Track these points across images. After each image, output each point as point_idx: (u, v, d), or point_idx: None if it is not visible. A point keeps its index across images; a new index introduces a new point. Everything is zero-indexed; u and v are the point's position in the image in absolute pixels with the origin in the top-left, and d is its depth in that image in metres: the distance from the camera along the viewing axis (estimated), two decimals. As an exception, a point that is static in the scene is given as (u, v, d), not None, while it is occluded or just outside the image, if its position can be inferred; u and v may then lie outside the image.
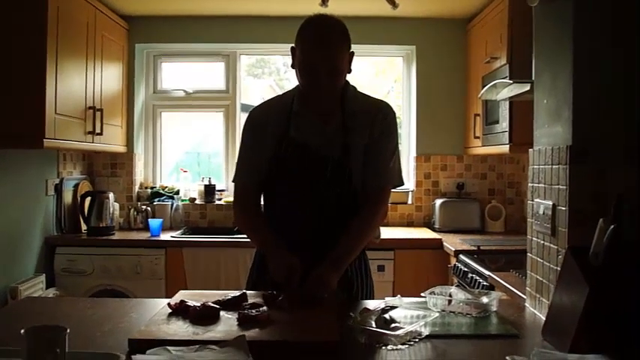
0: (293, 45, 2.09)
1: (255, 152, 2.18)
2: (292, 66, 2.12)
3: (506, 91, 3.07)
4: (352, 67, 2.14)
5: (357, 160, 2.10)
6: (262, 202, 2.25)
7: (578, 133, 1.75)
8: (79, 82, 3.74)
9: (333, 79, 2.05)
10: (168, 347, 1.41)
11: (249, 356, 1.37)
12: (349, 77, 2.18)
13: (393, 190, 2.24)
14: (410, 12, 4.44)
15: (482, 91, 3.39)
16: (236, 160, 2.27)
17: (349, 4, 4.23)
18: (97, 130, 3.93)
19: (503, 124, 3.60)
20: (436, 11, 4.50)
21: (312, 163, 2.10)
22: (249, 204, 2.22)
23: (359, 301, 2.10)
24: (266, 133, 2.15)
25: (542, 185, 1.94)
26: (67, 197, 4.24)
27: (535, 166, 2.02)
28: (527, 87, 2.73)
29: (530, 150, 2.07)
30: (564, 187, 1.77)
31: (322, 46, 2.02)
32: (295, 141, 2.11)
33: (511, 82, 2.93)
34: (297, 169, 2.11)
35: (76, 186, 4.35)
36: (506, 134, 3.54)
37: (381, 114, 2.17)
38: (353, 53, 2.12)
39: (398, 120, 4.89)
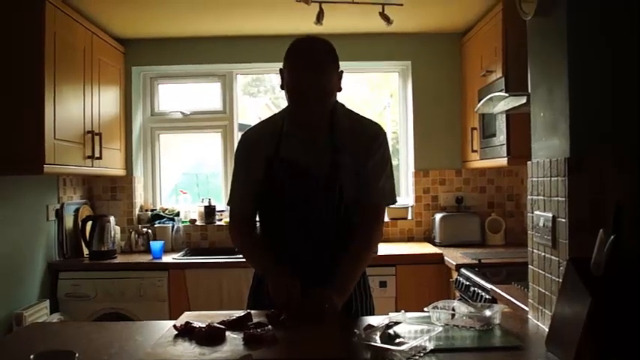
0: (281, 67, 2.10)
1: (248, 175, 2.20)
2: (281, 87, 2.13)
3: (502, 104, 3.10)
4: (345, 84, 2.15)
5: (348, 176, 2.10)
6: (259, 221, 2.25)
7: (575, 145, 1.77)
8: (77, 107, 3.76)
9: (323, 103, 2.07)
10: (175, 369, 1.42)
11: (256, 375, 1.38)
12: (343, 94, 2.19)
13: (390, 206, 2.25)
14: (404, 27, 4.47)
15: (479, 105, 3.41)
16: (230, 184, 2.29)
17: (343, 22, 4.27)
18: (97, 154, 3.94)
19: (501, 137, 3.62)
20: (430, 26, 4.54)
21: (302, 181, 2.11)
22: (245, 227, 2.24)
23: (355, 318, 2.09)
24: (258, 156, 2.17)
25: (542, 197, 1.96)
26: (68, 222, 4.24)
27: (534, 179, 2.04)
28: (523, 100, 2.75)
29: (528, 163, 2.09)
30: (563, 198, 1.78)
31: (310, 73, 2.02)
32: (285, 161, 2.13)
33: (507, 95, 2.95)
34: (288, 189, 2.12)
35: (76, 210, 4.36)
36: (504, 147, 3.56)
37: (371, 137, 2.17)
38: (342, 72, 2.13)
39: (395, 135, 4.93)
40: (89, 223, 4.23)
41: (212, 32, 4.59)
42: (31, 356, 1.23)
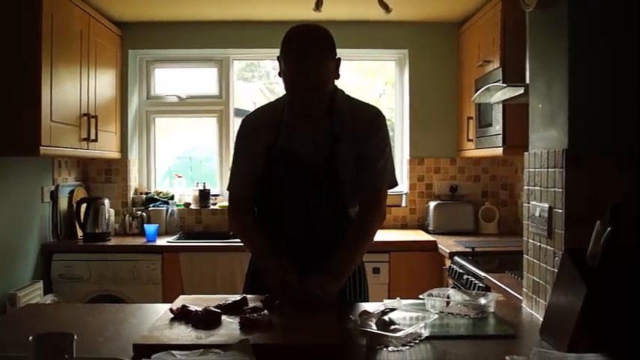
0: (278, 55, 2.09)
1: (247, 161, 2.20)
2: (279, 74, 2.11)
3: (499, 94, 3.11)
4: (341, 71, 2.13)
5: (346, 165, 2.10)
6: (256, 207, 2.25)
7: (573, 137, 1.78)
8: (74, 89, 3.75)
9: (320, 92, 2.05)
10: (173, 352, 1.42)
11: (253, 359, 1.39)
12: (338, 81, 2.17)
13: (388, 191, 2.24)
14: (402, 16, 4.46)
15: (476, 95, 3.42)
16: (230, 168, 2.30)
17: (342, 9, 4.26)
18: (92, 137, 3.93)
19: (497, 127, 3.63)
20: (429, 15, 4.53)
21: (300, 170, 2.11)
22: (243, 212, 2.24)
23: (353, 302, 2.12)
24: (258, 142, 2.17)
25: (538, 188, 1.97)
26: (63, 204, 4.23)
27: (531, 169, 2.05)
28: (520, 90, 2.76)
29: (525, 153, 2.10)
30: (560, 190, 1.80)
31: (306, 62, 1.99)
32: (283, 149, 2.13)
33: (504, 85, 2.96)
34: (286, 177, 2.12)
35: (71, 192, 4.35)
36: (500, 137, 3.57)
37: (370, 119, 2.18)
38: (339, 59, 2.11)
39: (390, 123, 4.93)
40: (84, 205, 4.23)
41: (210, 17, 4.57)
42: (30, 337, 1.23)
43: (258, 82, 5.45)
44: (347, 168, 2.10)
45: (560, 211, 1.80)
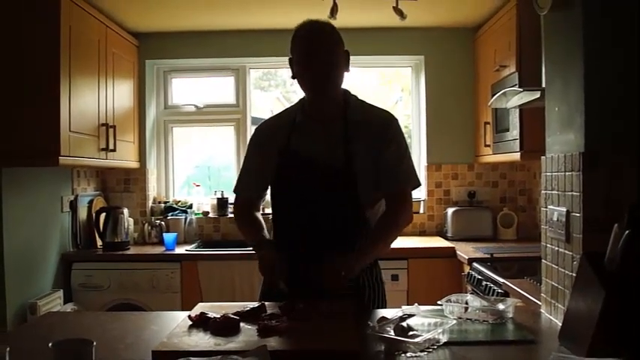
0: (290, 57, 2.16)
1: (256, 165, 2.26)
2: (292, 77, 2.18)
3: (516, 98, 3.09)
4: (357, 78, 2.20)
5: (362, 167, 2.11)
6: (272, 214, 2.28)
7: (590, 139, 1.77)
8: (92, 99, 3.79)
9: (330, 70, 2.10)
10: (192, 358, 1.43)
11: (271, 366, 1.39)
12: (355, 88, 2.21)
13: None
14: (418, 22, 4.46)
15: (492, 100, 3.41)
16: (239, 172, 2.36)
17: (357, 16, 4.27)
18: (111, 147, 3.97)
19: (514, 132, 3.61)
20: (444, 20, 4.53)
21: (313, 172, 2.12)
22: (246, 210, 2.30)
23: (371, 310, 2.11)
24: (270, 147, 2.21)
25: (556, 192, 1.96)
26: (82, 213, 4.28)
27: (548, 173, 2.04)
28: (537, 94, 2.74)
29: (542, 157, 2.09)
30: (578, 193, 1.78)
31: (316, 35, 2.10)
32: (296, 151, 2.16)
33: (521, 89, 2.94)
34: (298, 179, 2.14)
35: (90, 202, 4.39)
36: (517, 142, 3.55)
37: (385, 123, 2.20)
38: (348, 53, 2.17)
39: (407, 130, 4.93)
40: (103, 215, 4.27)
41: (225, 26, 4.60)
42: (50, 344, 1.25)
43: (275, 90, 5.48)
44: (362, 169, 2.11)
45: (578, 215, 1.79)
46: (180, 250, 4.20)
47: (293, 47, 2.14)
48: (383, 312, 1.99)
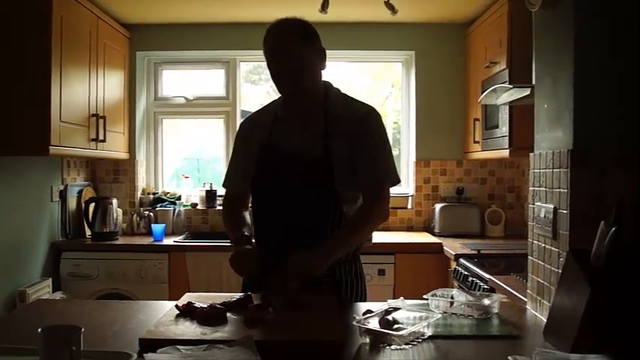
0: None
1: (242, 160, 2.27)
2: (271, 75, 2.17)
3: (506, 95, 3.11)
4: (347, 73, 2.19)
5: (340, 161, 2.10)
6: (251, 207, 2.28)
7: (578, 137, 1.78)
8: (83, 90, 3.78)
9: (297, 76, 2.07)
10: (178, 346, 1.44)
11: (256, 355, 1.40)
12: (345, 83, 2.20)
13: (390, 194, 2.24)
14: (409, 17, 4.47)
15: (482, 96, 3.42)
16: (227, 166, 2.37)
17: (348, 11, 4.27)
18: (101, 137, 3.96)
19: (503, 129, 3.63)
20: (435, 16, 4.54)
21: (292, 165, 2.12)
22: (233, 207, 2.30)
23: (351, 304, 2.11)
24: (253, 140, 2.22)
25: (544, 189, 1.97)
26: (72, 203, 4.27)
27: (536, 170, 2.05)
28: (527, 91, 2.76)
29: (530, 154, 2.10)
30: (565, 190, 1.80)
31: (280, 42, 2.08)
32: (276, 145, 2.16)
33: (511, 86, 2.96)
34: (278, 173, 2.14)
35: (80, 192, 4.39)
36: (506, 139, 3.57)
37: (364, 117, 2.18)
38: (324, 50, 2.15)
39: (397, 125, 4.94)
40: (92, 205, 4.27)
41: (217, 18, 4.59)
42: (39, 330, 1.25)
43: (265, 84, 5.47)
44: (341, 163, 2.10)
45: (565, 211, 1.80)
46: (168, 241, 4.21)
47: (264, 49, 2.12)
48: (368, 305, 2.00)
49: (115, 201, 4.34)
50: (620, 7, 1.80)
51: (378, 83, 5.40)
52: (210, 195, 4.74)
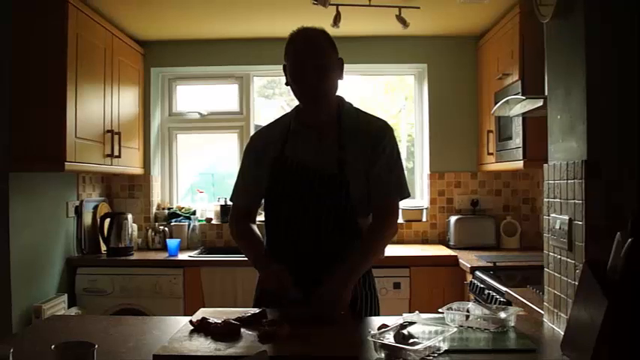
0: (285, 63, 2.16)
1: (251, 174, 2.26)
2: (286, 83, 2.19)
3: (519, 107, 3.09)
4: (361, 86, 2.20)
5: (354, 174, 2.11)
6: (264, 219, 2.27)
7: (592, 147, 1.77)
8: (98, 106, 3.82)
9: (322, 77, 2.09)
10: (192, 363, 1.44)
11: (271, 371, 1.40)
12: (359, 97, 2.21)
13: (405, 207, 2.24)
14: (420, 30, 4.48)
15: (495, 108, 3.41)
16: (235, 181, 2.36)
17: (360, 25, 4.29)
18: (116, 153, 4.00)
19: (517, 140, 3.61)
20: (447, 29, 4.54)
21: (306, 178, 2.12)
22: (242, 220, 2.29)
23: (364, 317, 2.10)
24: (264, 154, 2.21)
25: (558, 200, 1.96)
26: (87, 219, 4.30)
27: (550, 181, 2.04)
28: (540, 102, 2.74)
29: (545, 165, 2.09)
30: (580, 201, 1.78)
31: (307, 45, 2.10)
32: (289, 158, 2.16)
33: (524, 97, 2.94)
34: (292, 186, 2.14)
35: (95, 207, 4.41)
36: (520, 150, 3.55)
37: (379, 132, 2.19)
38: (342, 60, 2.17)
39: (410, 138, 4.94)
40: (107, 220, 4.29)
41: (229, 34, 4.63)
42: (52, 346, 1.26)
43: (279, 98, 5.50)
44: (355, 176, 2.11)
45: (580, 223, 1.79)
46: (183, 256, 4.21)
47: (286, 55, 2.14)
48: (384, 319, 1.98)
49: (130, 216, 4.36)
50: (631, 17, 1.79)
51: (392, 96, 5.40)
52: (225, 210, 4.75)
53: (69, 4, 3.36)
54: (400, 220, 4.40)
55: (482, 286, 3.25)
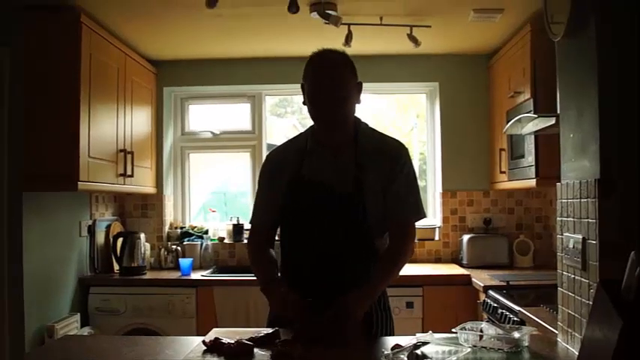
0: (302, 82, 2.16)
1: (269, 195, 2.25)
2: (304, 102, 2.18)
3: (531, 125, 3.09)
4: (373, 105, 2.20)
5: (371, 195, 2.11)
6: (280, 240, 2.27)
7: (605, 167, 1.76)
8: (111, 126, 3.85)
9: (341, 102, 2.09)
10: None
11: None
12: (370, 115, 2.21)
13: (417, 225, 2.24)
14: (432, 49, 4.49)
15: (507, 126, 3.41)
16: (253, 202, 2.34)
17: (372, 44, 4.31)
18: (128, 172, 4.02)
19: (529, 159, 3.60)
20: (458, 47, 4.56)
21: (323, 198, 2.12)
22: (260, 243, 2.29)
23: (379, 338, 2.09)
24: (281, 174, 2.21)
25: (572, 219, 1.95)
26: (100, 238, 4.32)
27: (563, 200, 2.03)
28: (552, 121, 2.74)
29: (558, 184, 2.08)
30: (594, 220, 1.77)
31: (328, 69, 2.09)
32: (306, 178, 2.16)
33: (536, 116, 2.94)
34: (309, 206, 2.14)
35: (108, 227, 4.43)
36: (533, 168, 3.54)
37: (395, 153, 2.20)
38: (361, 84, 2.17)
39: (422, 156, 4.93)
40: (120, 240, 4.31)
41: (241, 54, 4.67)
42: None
43: (291, 117, 5.52)
44: (373, 197, 2.11)
45: (594, 242, 1.78)
46: (195, 275, 4.21)
47: (305, 75, 2.14)
48: (397, 339, 1.98)
49: (142, 235, 4.37)
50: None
51: (404, 115, 5.42)
52: (238, 229, 4.76)
53: (82, 24, 3.41)
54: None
55: (495, 305, 3.23)
